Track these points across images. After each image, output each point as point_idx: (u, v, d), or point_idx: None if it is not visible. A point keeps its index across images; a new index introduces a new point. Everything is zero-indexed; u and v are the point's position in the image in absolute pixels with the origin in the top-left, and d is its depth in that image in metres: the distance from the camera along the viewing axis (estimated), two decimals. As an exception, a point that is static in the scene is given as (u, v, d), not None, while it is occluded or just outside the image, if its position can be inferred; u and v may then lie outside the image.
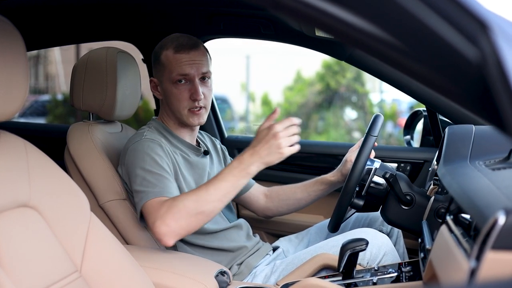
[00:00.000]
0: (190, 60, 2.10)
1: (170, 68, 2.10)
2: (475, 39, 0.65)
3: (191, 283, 1.75)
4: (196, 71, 2.10)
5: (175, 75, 2.09)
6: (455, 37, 0.65)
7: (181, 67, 2.09)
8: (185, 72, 2.09)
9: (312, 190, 2.42)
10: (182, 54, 2.10)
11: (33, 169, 1.53)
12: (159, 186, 1.90)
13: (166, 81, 2.13)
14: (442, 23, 0.65)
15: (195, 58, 2.11)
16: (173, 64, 2.10)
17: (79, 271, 1.57)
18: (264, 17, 2.55)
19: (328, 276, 1.94)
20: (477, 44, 0.65)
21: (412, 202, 2.01)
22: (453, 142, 1.86)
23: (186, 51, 2.10)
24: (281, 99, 14.56)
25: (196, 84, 2.10)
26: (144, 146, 2.01)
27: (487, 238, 0.99)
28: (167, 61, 2.11)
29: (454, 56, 0.65)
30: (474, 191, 1.33)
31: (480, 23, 0.65)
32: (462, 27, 0.65)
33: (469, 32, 0.65)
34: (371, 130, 2.05)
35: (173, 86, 2.11)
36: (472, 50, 0.65)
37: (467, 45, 0.65)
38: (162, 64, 2.13)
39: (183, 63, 2.09)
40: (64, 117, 11.94)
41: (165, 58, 2.12)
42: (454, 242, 1.27)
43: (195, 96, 2.10)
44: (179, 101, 2.11)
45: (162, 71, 2.14)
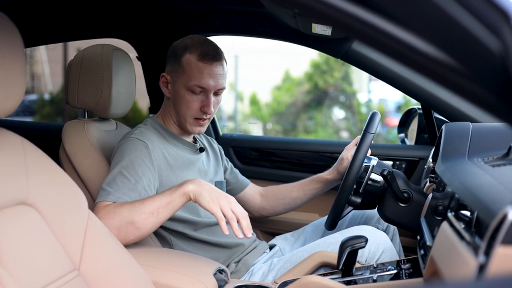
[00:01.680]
0: (211, 72, 2.06)
1: (189, 74, 2.06)
2: (498, 30, 0.65)
3: (190, 281, 1.74)
4: (214, 85, 2.07)
5: (193, 84, 2.06)
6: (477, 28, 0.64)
7: (201, 79, 2.05)
8: (203, 85, 2.06)
9: (308, 189, 2.41)
10: (205, 64, 2.06)
11: (30, 166, 1.51)
12: (121, 191, 1.87)
13: (180, 85, 2.09)
14: (464, 13, 0.64)
15: (216, 70, 2.07)
16: (194, 72, 2.06)
17: (77, 270, 1.56)
18: (260, 15, 2.54)
19: (327, 273, 1.93)
20: (500, 35, 0.64)
21: (409, 200, 2.01)
22: (450, 140, 1.87)
23: (209, 61, 2.06)
24: (269, 98, 14.57)
25: (210, 98, 2.08)
26: (129, 145, 1.99)
27: (496, 233, 0.99)
28: (188, 66, 2.07)
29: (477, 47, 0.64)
30: (477, 187, 1.33)
31: (503, 13, 0.65)
32: (484, 18, 0.65)
33: (492, 23, 0.65)
34: (368, 128, 2.05)
35: (186, 92, 2.08)
36: (495, 41, 0.65)
37: (490, 36, 0.64)
38: (181, 67, 2.08)
39: (204, 74, 2.05)
40: (51, 116, 11.88)
41: (187, 62, 2.07)
42: (457, 238, 1.27)
43: (206, 110, 2.08)
44: (188, 109, 2.09)
45: (180, 73, 2.09)
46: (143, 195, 1.89)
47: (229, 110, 14.91)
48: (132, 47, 2.91)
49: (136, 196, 1.87)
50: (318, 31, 2.24)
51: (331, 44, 2.50)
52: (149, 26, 2.82)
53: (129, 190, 1.87)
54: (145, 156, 1.97)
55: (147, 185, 1.92)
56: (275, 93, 14.41)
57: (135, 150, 1.97)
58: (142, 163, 1.94)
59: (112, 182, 1.89)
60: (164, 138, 2.13)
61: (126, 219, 1.77)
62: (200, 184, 1.80)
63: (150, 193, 1.93)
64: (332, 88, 14.01)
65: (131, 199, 1.86)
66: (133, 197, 1.87)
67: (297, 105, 13.97)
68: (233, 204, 1.78)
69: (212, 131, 2.98)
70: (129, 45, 2.91)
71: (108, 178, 1.91)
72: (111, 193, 1.86)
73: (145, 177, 1.93)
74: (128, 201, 1.85)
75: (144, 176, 1.92)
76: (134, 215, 1.77)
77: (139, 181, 1.90)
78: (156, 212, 1.78)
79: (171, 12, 2.72)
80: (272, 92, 14.48)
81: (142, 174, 1.92)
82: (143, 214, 1.78)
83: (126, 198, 1.85)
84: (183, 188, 1.79)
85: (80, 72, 2.17)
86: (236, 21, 2.69)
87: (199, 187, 1.78)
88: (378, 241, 2.03)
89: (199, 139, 2.32)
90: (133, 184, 1.88)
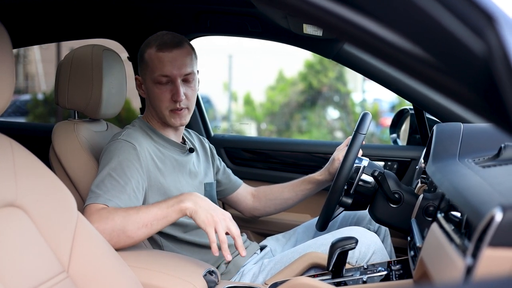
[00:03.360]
0: (172, 60, 2.06)
1: (152, 67, 2.07)
2: (481, 32, 0.64)
3: (179, 282, 1.73)
4: (178, 72, 2.06)
5: (157, 75, 2.06)
6: (460, 30, 0.64)
7: (163, 67, 2.05)
8: (166, 73, 2.05)
9: (299, 190, 2.41)
10: (165, 52, 2.06)
11: (19, 168, 1.50)
12: (110, 193, 1.86)
13: (148, 80, 2.10)
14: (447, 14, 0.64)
15: (177, 57, 2.07)
16: (155, 63, 2.06)
17: (66, 271, 1.55)
18: (252, 15, 2.53)
19: (317, 275, 1.93)
20: (483, 37, 0.64)
21: (400, 200, 2.01)
22: (441, 140, 1.87)
23: (168, 49, 2.06)
24: (263, 98, 14.56)
25: (177, 85, 2.06)
26: (117, 147, 1.99)
27: (484, 235, 0.99)
28: (150, 60, 2.08)
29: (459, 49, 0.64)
30: (466, 188, 1.32)
31: (486, 16, 0.64)
32: (468, 19, 0.64)
33: (475, 25, 0.64)
34: (359, 128, 2.05)
35: (155, 86, 2.08)
36: (478, 43, 0.64)
37: (473, 38, 0.64)
38: (145, 63, 2.10)
39: (165, 63, 2.05)
40: (44, 116, 11.84)
41: (148, 56, 2.09)
42: (446, 239, 1.27)
43: (176, 98, 2.06)
44: (161, 102, 2.08)
45: (145, 70, 2.11)
46: (132, 197, 1.88)
47: (223, 110, 14.91)
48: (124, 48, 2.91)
49: (125, 198, 1.87)
50: (309, 31, 2.24)
51: (323, 45, 2.49)
52: (140, 27, 2.81)
53: (119, 192, 1.87)
54: (133, 157, 1.96)
55: (136, 186, 1.92)
56: (269, 93, 14.41)
57: (123, 151, 1.96)
58: (130, 165, 1.94)
59: (101, 184, 1.88)
60: (151, 139, 2.12)
61: (119, 226, 1.76)
62: (197, 202, 1.78)
63: (139, 195, 1.92)
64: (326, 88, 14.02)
65: (121, 201, 1.85)
66: (122, 199, 1.86)
67: (291, 105, 13.97)
68: (228, 222, 1.78)
69: (204, 131, 2.98)
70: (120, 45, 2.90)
71: (97, 180, 1.91)
72: (101, 196, 1.85)
73: (134, 178, 1.92)
74: (118, 203, 1.84)
75: (132, 177, 1.92)
76: (127, 224, 1.76)
77: (128, 183, 1.89)
78: (150, 224, 1.78)
79: (162, 13, 2.72)
80: (266, 92, 14.48)
81: (130, 176, 1.91)
82: (137, 224, 1.77)
83: (116, 200, 1.85)
84: (180, 205, 1.78)
85: (70, 73, 2.16)
86: (227, 22, 2.68)
87: (195, 205, 1.77)
88: (368, 242, 2.03)
89: (189, 138, 2.31)
90: (122, 186, 1.88)
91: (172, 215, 1.79)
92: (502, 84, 0.63)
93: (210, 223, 1.74)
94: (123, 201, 1.86)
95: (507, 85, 0.63)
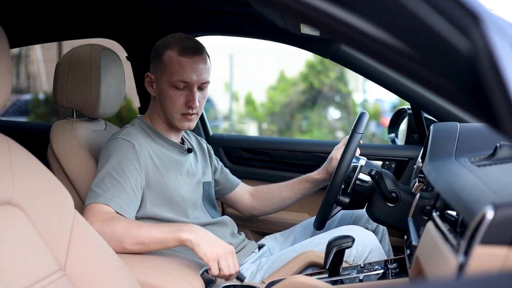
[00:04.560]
0: (193, 66, 2.06)
1: (171, 70, 2.07)
2: (467, 31, 0.65)
3: (176, 281, 1.73)
4: (197, 79, 2.07)
5: (175, 80, 2.06)
6: (446, 29, 0.64)
7: (184, 73, 2.05)
8: (185, 79, 2.06)
9: (297, 189, 2.42)
10: (187, 58, 2.06)
11: (16, 166, 1.51)
12: (111, 192, 1.87)
13: (164, 82, 2.09)
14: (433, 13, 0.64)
15: (198, 65, 2.08)
16: (175, 67, 2.06)
17: (63, 270, 1.55)
18: (249, 15, 2.54)
19: (314, 273, 1.93)
20: (468, 35, 0.65)
21: (397, 199, 2.02)
22: (438, 140, 1.87)
23: (190, 56, 2.07)
24: (264, 98, 14.57)
25: (194, 92, 2.08)
26: (116, 146, 1.99)
27: (475, 233, 1.00)
28: (170, 63, 2.07)
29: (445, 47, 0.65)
30: (460, 187, 1.33)
31: (472, 15, 0.65)
32: (454, 19, 0.65)
33: (461, 24, 0.65)
34: (356, 128, 2.06)
35: (170, 89, 2.08)
36: (463, 42, 0.65)
37: (459, 36, 0.65)
38: (163, 64, 2.09)
39: (186, 69, 2.05)
40: (46, 116, 11.86)
41: (168, 58, 2.08)
42: (441, 238, 1.28)
43: (191, 104, 2.07)
44: (174, 105, 2.09)
45: (162, 71, 2.09)
46: (131, 196, 1.89)
47: (224, 110, 14.91)
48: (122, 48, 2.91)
49: (125, 197, 1.87)
50: (307, 31, 2.25)
51: (320, 44, 2.50)
52: (139, 26, 2.82)
53: (119, 191, 1.87)
54: (132, 156, 1.97)
55: (135, 185, 1.93)
56: (270, 93, 14.41)
57: (122, 150, 1.97)
58: (129, 164, 1.95)
59: (100, 183, 1.89)
60: (151, 138, 2.13)
61: (118, 235, 1.76)
62: (198, 234, 1.76)
63: (138, 194, 1.93)
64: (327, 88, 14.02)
65: (121, 200, 1.86)
66: (122, 198, 1.87)
67: (292, 105, 13.97)
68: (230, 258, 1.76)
69: (202, 131, 2.99)
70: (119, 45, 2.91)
71: (97, 179, 1.91)
72: (101, 195, 1.86)
73: (133, 177, 1.93)
74: (118, 202, 1.86)
75: (131, 176, 1.93)
76: (126, 236, 1.76)
77: (127, 182, 1.90)
78: (147, 243, 1.78)
79: (161, 12, 2.72)
80: (267, 92, 14.48)
81: (130, 175, 1.92)
82: (135, 240, 1.77)
83: (116, 199, 1.86)
84: (180, 236, 1.76)
85: (69, 72, 2.16)
86: (225, 21, 2.69)
87: (196, 237, 1.75)
88: (365, 241, 2.03)
89: (187, 139, 2.32)
90: (122, 185, 1.89)
91: (171, 242, 1.78)
92: (488, 82, 0.64)
93: (213, 255, 1.74)
94: (123, 200, 1.87)
95: (492, 83, 0.63)
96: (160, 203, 2.04)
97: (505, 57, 0.64)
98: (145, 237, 1.77)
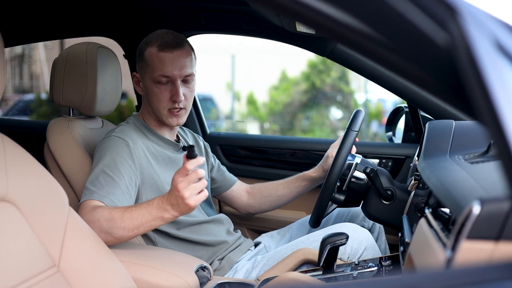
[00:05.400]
0: (173, 60, 2.06)
1: (152, 66, 2.08)
2: (444, 23, 0.65)
3: (171, 278, 1.74)
4: (178, 73, 2.07)
5: (157, 75, 2.07)
6: (423, 21, 0.65)
7: (164, 68, 2.06)
8: (167, 73, 2.06)
9: (293, 187, 2.42)
10: (166, 53, 2.07)
11: (10, 163, 1.51)
12: (105, 190, 1.87)
13: (148, 79, 2.11)
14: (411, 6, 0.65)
15: (179, 58, 2.08)
16: (155, 63, 2.07)
17: (57, 266, 1.56)
18: (246, 13, 2.54)
19: (308, 270, 1.94)
20: (446, 28, 0.65)
21: (392, 197, 2.02)
22: (433, 137, 1.87)
23: (170, 50, 2.07)
24: (266, 98, 14.57)
25: (177, 85, 2.08)
26: (110, 143, 2.00)
27: (462, 228, 1.00)
28: (150, 59, 2.09)
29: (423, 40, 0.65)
30: (451, 183, 1.33)
31: (449, 8, 0.65)
32: (431, 11, 0.65)
33: (438, 16, 0.65)
34: (351, 125, 2.06)
35: (154, 85, 2.09)
36: (441, 34, 0.65)
37: (436, 29, 0.65)
38: (145, 61, 2.11)
39: (166, 63, 2.06)
40: (48, 116, 11.89)
41: (149, 55, 2.09)
42: (432, 234, 1.28)
43: (175, 98, 2.07)
44: (159, 101, 2.09)
45: (145, 68, 2.11)
46: (126, 193, 1.90)
47: (226, 110, 14.92)
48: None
49: (119, 194, 1.88)
50: (302, 29, 2.25)
51: (317, 43, 2.50)
52: (136, 24, 2.82)
53: (113, 188, 1.88)
54: (126, 154, 1.98)
55: (129, 183, 1.93)
56: (272, 92, 14.42)
57: (116, 148, 1.97)
58: (124, 161, 1.95)
59: (95, 180, 1.90)
60: (145, 136, 2.13)
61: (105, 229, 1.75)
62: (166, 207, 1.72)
63: (132, 191, 1.93)
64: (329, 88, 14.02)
65: (115, 197, 1.86)
66: (117, 195, 1.87)
67: (294, 105, 13.98)
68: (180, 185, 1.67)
69: (199, 129, 2.99)
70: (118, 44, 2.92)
71: (91, 177, 1.92)
72: (95, 192, 1.86)
73: (127, 175, 1.93)
74: (113, 199, 1.85)
75: (126, 174, 1.93)
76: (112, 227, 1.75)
77: (121, 179, 1.91)
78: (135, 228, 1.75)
79: (157, 11, 2.73)
80: (269, 92, 14.49)
81: (124, 172, 1.93)
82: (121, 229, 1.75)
83: (110, 196, 1.86)
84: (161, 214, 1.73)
85: (65, 70, 2.17)
86: (221, 20, 2.69)
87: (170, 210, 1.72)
88: (360, 238, 2.03)
89: (183, 136, 2.32)
90: (116, 182, 1.89)
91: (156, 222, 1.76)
92: (464, 74, 0.64)
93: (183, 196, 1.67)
94: (117, 197, 1.87)
95: (469, 74, 0.64)
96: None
97: (482, 49, 0.64)
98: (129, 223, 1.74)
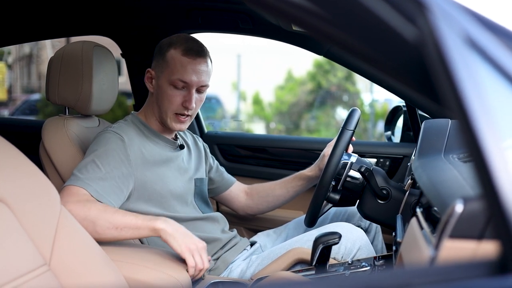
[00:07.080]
0: (194, 68, 2.07)
1: (173, 68, 2.07)
2: (413, 19, 0.64)
3: (163, 276, 1.73)
4: (196, 81, 2.07)
5: (175, 78, 2.06)
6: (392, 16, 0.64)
7: (184, 73, 2.06)
8: (186, 79, 2.06)
9: (290, 186, 2.42)
10: (189, 59, 2.07)
11: (1, 161, 1.51)
12: (91, 178, 1.88)
13: (163, 79, 2.10)
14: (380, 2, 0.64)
15: (200, 66, 2.08)
16: (177, 66, 2.06)
17: (48, 264, 1.55)
18: (242, 12, 2.53)
19: (302, 270, 1.93)
20: (415, 23, 0.64)
21: (388, 197, 2.01)
22: (428, 136, 1.86)
23: (193, 56, 2.07)
24: (272, 98, 14.56)
25: (192, 93, 2.08)
26: (105, 137, 2.01)
27: (446, 226, 0.99)
28: (172, 61, 2.08)
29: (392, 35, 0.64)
30: (440, 182, 1.33)
31: (418, 3, 0.64)
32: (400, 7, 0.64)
33: (407, 11, 0.64)
34: (347, 124, 2.05)
35: (169, 87, 2.08)
36: (410, 30, 0.64)
37: (405, 24, 0.64)
38: (165, 61, 2.09)
39: (187, 69, 2.06)
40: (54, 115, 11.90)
41: (171, 57, 2.08)
42: (421, 233, 1.27)
43: (187, 104, 2.08)
44: (170, 104, 2.09)
45: (163, 68, 2.10)
46: (114, 186, 1.91)
47: (232, 110, 14.92)
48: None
49: (106, 185, 1.89)
50: (298, 28, 2.24)
51: (313, 41, 2.49)
52: (133, 23, 2.82)
53: (98, 179, 1.88)
54: (120, 149, 1.98)
55: (118, 177, 1.93)
56: (278, 92, 14.41)
57: (110, 142, 1.98)
58: (116, 156, 1.95)
59: (83, 168, 1.91)
60: (143, 135, 2.13)
61: (92, 217, 1.77)
62: (173, 226, 1.79)
63: (122, 186, 1.94)
64: (335, 88, 14.00)
65: (99, 187, 1.87)
66: (101, 185, 1.88)
67: (300, 105, 13.97)
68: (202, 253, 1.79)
69: (197, 128, 2.99)
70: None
71: (80, 164, 1.93)
72: (80, 179, 1.87)
73: (117, 169, 1.94)
74: (96, 188, 1.87)
75: (115, 168, 1.93)
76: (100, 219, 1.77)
77: (109, 172, 1.91)
78: (120, 228, 1.78)
79: (154, 10, 2.72)
80: (275, 92, 14.48)
81: (114, 166, 1.93)
82: (108, 224, 1.77)
83: (94, 185, 1.87)
84: (155, 224, 1.78)
85: (61, 68, 2.17)
86: (218, 18, 2.69)
87: (171, 228, 1.78)
88: (354, 238, 2.02)
89: (183, 136, 2.32)
90: (104, 174, 1.90)
91: (144, 230, 1.79)
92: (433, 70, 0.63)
93: (188, 251, 1.76)
94: (102, 188, 1.88)
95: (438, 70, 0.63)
96: (147, 197, 2.04)
97: (452, 45, 0.63)
98: (120, 221, 1.78)
